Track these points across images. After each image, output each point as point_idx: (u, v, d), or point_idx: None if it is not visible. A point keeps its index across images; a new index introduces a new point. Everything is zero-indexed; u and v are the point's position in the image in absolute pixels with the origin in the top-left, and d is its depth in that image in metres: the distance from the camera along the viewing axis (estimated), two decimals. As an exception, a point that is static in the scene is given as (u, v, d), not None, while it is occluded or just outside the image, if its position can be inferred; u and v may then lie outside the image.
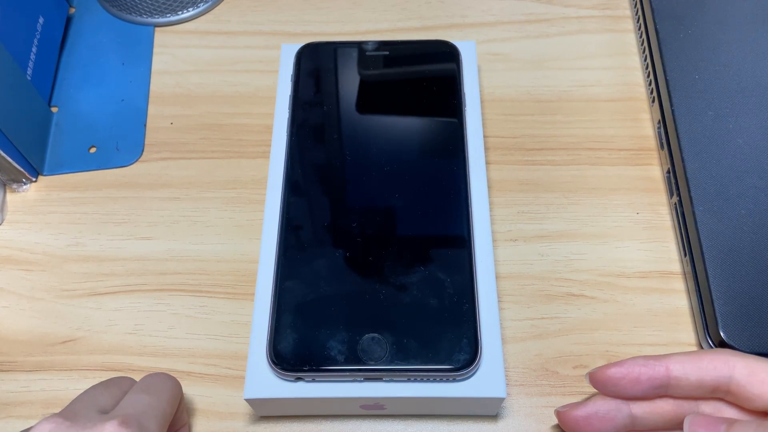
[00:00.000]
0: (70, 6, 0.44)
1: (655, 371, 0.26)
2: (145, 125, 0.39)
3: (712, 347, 0.30)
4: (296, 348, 0.28)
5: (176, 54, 0.42)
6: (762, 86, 0.36)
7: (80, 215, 0.36)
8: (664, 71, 0.36)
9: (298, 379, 0.27)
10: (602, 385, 0.27)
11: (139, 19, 0.43)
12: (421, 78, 0.35)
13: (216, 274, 0.34)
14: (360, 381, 0.27)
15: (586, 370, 0.31)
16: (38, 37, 0.39)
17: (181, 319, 0.33)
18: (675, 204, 0.34)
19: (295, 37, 0.42)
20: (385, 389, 0.27)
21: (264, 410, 0.30)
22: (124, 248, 0.35)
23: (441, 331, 0.28)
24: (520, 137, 0.38)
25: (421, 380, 0.27)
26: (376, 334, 0.28)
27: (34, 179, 0.37)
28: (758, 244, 0.31)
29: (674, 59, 0.37)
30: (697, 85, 0.36)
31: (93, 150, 0.38)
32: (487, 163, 0.37)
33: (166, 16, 0.43)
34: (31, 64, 0.37)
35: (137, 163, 0.38)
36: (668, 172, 0.35)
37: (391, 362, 0.27)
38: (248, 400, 0.28)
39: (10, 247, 0.35)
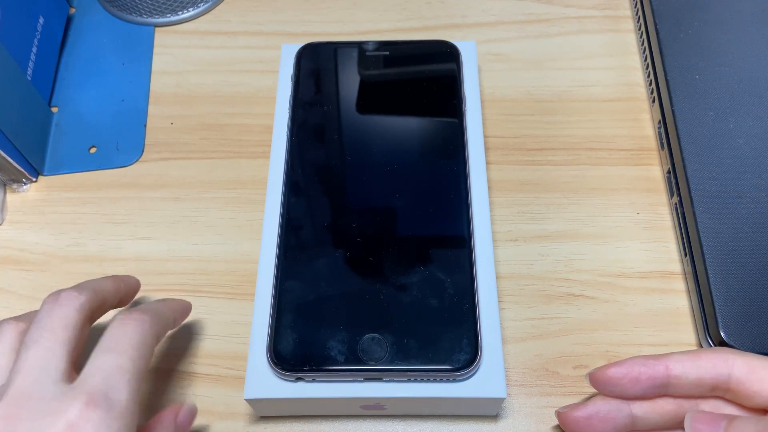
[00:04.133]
0: (70, 6, 0.44)
1: (655, 370, 0.26)
2: (145, 125, 0.39)
3: (712, 347, 0.30)
4: (296, 348, 0.28)
5: (176, 54, 0.42)
6: (762, 86, 0.36)
7: (80, 215, 0.36)
8: (665, 71, 0.36)
9: (299, 379, 0.27)
10: (602, 386, 0.27)
11: (139, 19, 0.43)
12: (422, 78, 0.35)
13: (216, 274, 0.34)
14: (360, 381, 0.27)
15: (587, 371, 0.31)
16: (38, 37, 0.39)
17: (181, 319, 0.33)
18: (675, 204, 0.34)
19: (295, 37, 0.42)
20: (385, 389, 0.27)
21: (264, 410, 0.30)
22: (124, 248, 0.35)
23: (441, 331, 0.28)
24: (520, 137, 0.38)
25: (422, 380, 0.27)
26: (376, 335, 0.28)
27: (34, 179, 0.37)
28: (758, 244, 0.31)
29: (674, 59, 0.37)
30: (697, 85, 0.36)
31: (93, 150, 0.38)
32: (487, 163, 0.37)
33: (166, 16, 0.43)
34: (31, 64, 0.37)
35: (137, 163, 0.38)
36: (668, 172, 0.35)
37: (391, 362, 0.27)
38: (248, 400, 0.28)
39: (10, 247, 0.35)
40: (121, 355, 0.23)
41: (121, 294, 0.28)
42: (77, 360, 0.24)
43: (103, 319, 0.27)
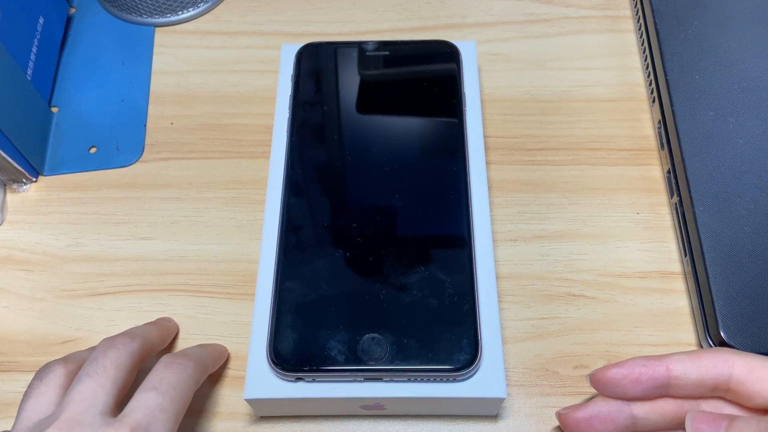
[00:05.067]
0: (70, 6, 0.44)
1: (656, 371, 0.26)
2: (145, 125, 0.39)
3: (712, 347, 0.30)
4: (296, 348, 0.28)
5: (176, 54, 0.42)
6: (762, 86, 0.36)
7: (80, 215, 0.36)
8: (664, 71, 0.36)
9: (299, 379, 0.27)
10: (603, 387, 0.27)
11: (139, 19, 0.43)
12: (422, 78, 0.35)
13: (216, 274, 0.34)
14: (360, 381, 0.27)
15: (587, 371, 0.31)
16: (38, 37, 0.39)
17: (181, 320, 0.33)
18: (675, 204, 0.34)
19: (295, 37, 0.42)
20: (385, 389, 0.27)
21: (264, 410, 0.30)
22: (124, 248, 0.35)
23: (441, 331, 0.28)
24: (520, 137, 0.38)
25: (422, 380, 0.27)
26: (376, 335, 0.28)
27: (34, 179, 0.37)
28: (758, 244, 0.31)
29: (674, 59, 0.37)
30: (697, 85, 0.36)
31: (93, 150, 0.38)
32: (487, 163, 0.37)
33: (166, 16, 0.43)
34: (31, 64, 0.37)
35: (137, 163, 0.38)
36: (668, 172, 0.35)
37: (391, 362, 0.27)
38: (248, 401, 0.28)
39: (10, 247, 0.35)
40: (164, 395, 0.25)
41: (165, 341, 0.31)
42: (122, 400, 0.26)
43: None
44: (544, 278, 0.33)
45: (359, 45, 0.37)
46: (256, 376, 0.28)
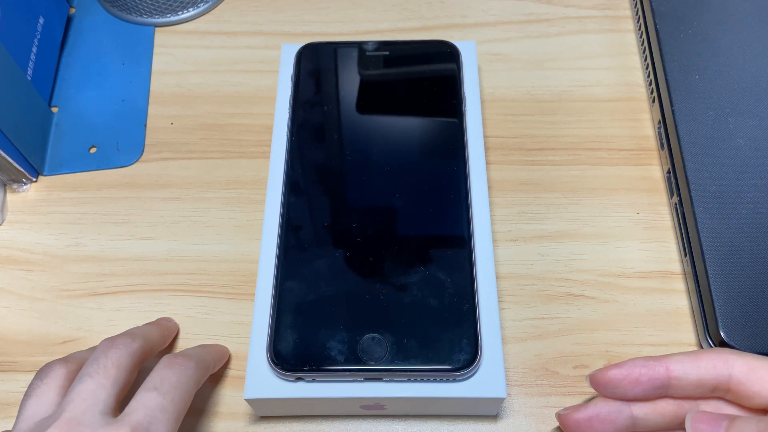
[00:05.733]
0: (70, 6, 0.44)
1: (656, 372, 0.26)
2: (145, 125, 0.39)
3: (712, 347, 0.30)
4: (296, 348, 0.28)
5: (176, 54, 0.42)
6: (762, 86, 0.36)
7: (80, 215, 0.36)
8: (664, 71, 0.36)
9: (299, 379, 0.27)
10: (603, 387, 0.27)
11: (139, 19, 0.43)
12: (422, 78, 0.35)
13: (216, 274, 0.34)
14: (360, 381, 0.27)
15: (587, 371, 0.31)
16: (38, 37, 0.39)
17: (181, 319, 0.33)
18: (675, 204, 0.34)
19: (295, 37, 0.42)
20: (385, 389, 0.27)
21: (264, 410, 0.30)
22: (124, 248, 0.35)
23: (441, 331, 0.28)
24: (520, 137, 0.38)
25: (422, 380, 0.27)
26: (376, 334, 0.28)
27: (34, 179, 0.37)
28: (758, 244, 0.31)
29: (674, 59, 0.37)
30: (697, 85, 0.36)
31: (93, 150, 0.38)
32: (487, 163, 0.37)
33: (166, 16, 0.43)
34: (31, 64, 0.37)
35: (137, 163, 0.38)
36: (668, 172, 0.35)
37: (391, 362, 0.27)
38: (248, 400, 0.28)
39: (11, 247, 0.35)
40: (165, 396, 0.25)
41: (165, 341, 0.31)
42: (123, 400, 0.26)
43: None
44: (544, 278, 0.33)
45: (359, 45, 0.37)
46: (256, 376, 0.28)
